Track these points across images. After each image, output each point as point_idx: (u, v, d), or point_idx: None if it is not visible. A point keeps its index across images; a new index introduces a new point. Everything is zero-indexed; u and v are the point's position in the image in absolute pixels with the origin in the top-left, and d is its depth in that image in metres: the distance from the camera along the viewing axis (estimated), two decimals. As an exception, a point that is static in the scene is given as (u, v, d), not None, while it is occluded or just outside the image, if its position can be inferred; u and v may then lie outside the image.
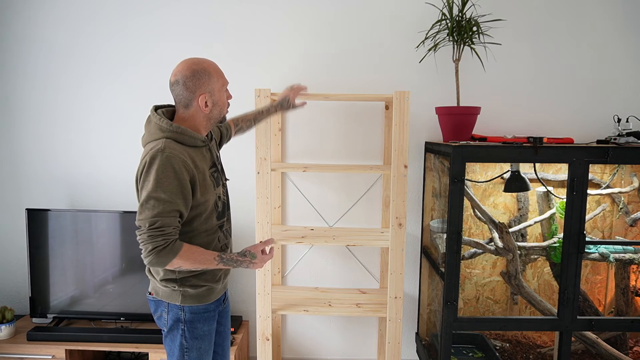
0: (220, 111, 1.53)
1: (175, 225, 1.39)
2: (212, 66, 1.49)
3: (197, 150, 1.48)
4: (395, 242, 2.18)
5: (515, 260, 2.27)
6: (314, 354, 2.72)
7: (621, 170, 2.50)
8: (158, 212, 1.34)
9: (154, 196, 1.35)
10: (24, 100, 2.57)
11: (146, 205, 1.36)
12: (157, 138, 1.43)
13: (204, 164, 1.49)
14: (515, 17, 2.43)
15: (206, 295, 1.55)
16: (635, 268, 2.40)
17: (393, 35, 2.47)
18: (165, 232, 1.36)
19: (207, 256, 1.46)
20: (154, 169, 1.36)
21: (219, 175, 1.57)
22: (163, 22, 2.49)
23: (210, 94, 1.48)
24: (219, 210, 1.55)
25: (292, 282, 2.68)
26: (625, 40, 2.44)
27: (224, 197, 1.60)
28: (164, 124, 1.43)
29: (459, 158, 1.94)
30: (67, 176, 2.62)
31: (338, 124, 2.54)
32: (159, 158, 1.36)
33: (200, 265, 1.45)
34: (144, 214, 1.36)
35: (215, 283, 1.57)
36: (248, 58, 2.51)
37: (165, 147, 1.38)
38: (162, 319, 1.56)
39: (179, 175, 1.37)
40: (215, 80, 1.48)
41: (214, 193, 1.51)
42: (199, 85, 1.45)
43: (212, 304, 1.59)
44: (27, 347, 2.33)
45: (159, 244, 1.35)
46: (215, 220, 1.54)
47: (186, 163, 1.39)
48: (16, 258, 2.68)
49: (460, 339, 2.54)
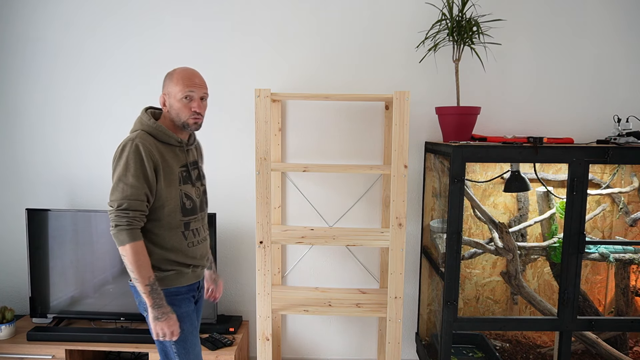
0: (177, 115, 1.62)
1: (142, 210, 1.53)
2: (182, 73, 1.61)
3: (168, 147, 1.62)
4: (395, 242, 2.18)
5: (515, 260, 2.27)
6: (314, 354, 2.72)
7: (621, 170, 2.50)
8: (126, 195, 1.50)
9: (123, 180, 1.51)
10: (24, 100, 2.57)
11: (116, 187, 1.51)
12: (135, 129, 1.61)
13: (173, 161, 1.62)
14: (515, 17, 2.43)
15: (175, 278, 1.64)
16: (635, 268, 2.40)
17: (393, 35, 2.47)
18: (129, 215, 1.50)
19: (146, 270, 1.53)
20: (125, 155, 1.52)
21: (188, 176, 1.67)
22: (163, 24, 2.49)
23: (168, 95, 1.62)
24: (186, 207, 1.64)
25: (292, 282, 2.68)
26: (626, 41, 2.44)
27: (196, 198, 1.69)
28: (145, 119, 1.61)
29: (459, 158, 1.94)
30: (67, 176, 2.62)
31: (338, 124, 2.54)
32: (129, 146, 1.53)
33: (135, 270, 1.51)
34: (114, 195, 1.51)
35: (183, 267, 1.66)
36: (248, 58, 2.51)
37: (137, 137, 1.55)
38: (142, 303, 1.62)
39: (144, 162, 1.52)
40: (173, 84, 1.60)
41: (178, 188, 1.62)
42: (164, 85, 1.65)
43: (184, 287, 1.67)
44: (27, 347, 2.33)
45: (122, 223, 1.50)
46: (180, 215, 1.63)
47: (152, 152, 1.55)
48: (16, 258, 2.68)
49: (460, 339, 2.54)
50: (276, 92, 2.42)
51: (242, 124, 2.56)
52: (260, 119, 2.14)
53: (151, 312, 1.55)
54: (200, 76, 1.65)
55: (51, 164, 2.61)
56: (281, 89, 2.52)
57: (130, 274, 1.53)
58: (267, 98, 2.12)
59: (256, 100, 2.13)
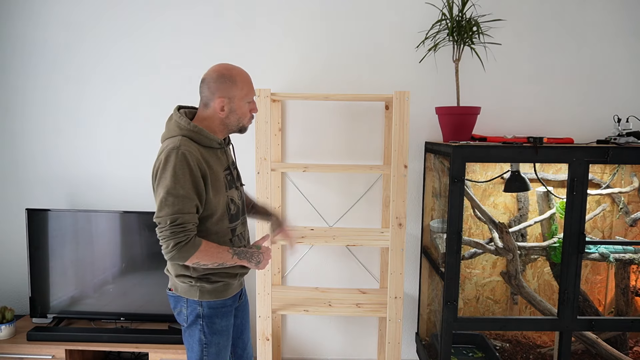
0: (239, 120, 1.55)
1: (195, 222, 1.44)
2: (241, 75, 1.53)
3: (211, 151, 1.52)
4: (395, 242, 2.18)
5: (515, 260, 2.27)
6: (314, 354, 2.72)
7: (621, 170, 2.50)
8: (179, 209, 1.39)
9: (173, 193, 1.39)
10: (24, 100, 2.57)
11: (165, 202, 1.39)
12: (173, 135, 1.48)
13: (217, 165, 1.52)
14: (515, 17, 2.43)
15: (223, 290, 1.58)
16: (635, 268, 2.40)
17: (393, 35, 2.47)
18: (186, 229, 1.40)
19: (222, 251, 1.49)
20: (170, 166, 1.40)
21: (232, 179, 1.59)
22: (163, 23, 2.49)
23: (230, 99, 1.51)
24: (231, 213, 1.56)
25: (292, 282, 2.68)
26: (625, 40, 2.44)
27: (239, 201, 1.61)
28: (183, 122, 1.48)
29: (459, 158, 1.94)
30: (67, 176, 2.62)
31: (338, 124, 2.54)
32: (174, 155, 1.40)
33: (217, 260, 1.48)
34: (164, 210, 1.39)
35: (231, 279, 1.59)
36: (249, 58, 2.50)
37: (181, 145, 1.42)
38: (182, 314, 1.58)
39: (194, 172, 1.41)
40: (238, 88, 1.51)
41: (225, 195, 1.53)
42: (220, 88, 1.50)
43: (229, 299, 1.61)
44: (27, 347, 2.33)
45: (181, 239, 1.39)
46: (227, 222, 1.55)
47: (199, 161, 1.44)
48: (16, 258, 2.68)
49: (460, 339, 2.54)
50: (276, 92, 2.42)
51: (242, 124, 2.56)
52: (260, 119, 2.14)
53: (251, 267, 1.57)
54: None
55: (51, 164, 2.61)
56: (281, 89, 2.51)
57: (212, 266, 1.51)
58: (267, 98, 2.12)
59: (256, 100, 2.13)
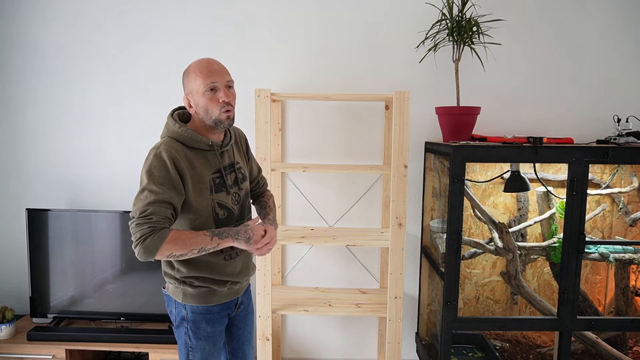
0: (207, 113, 1.44)
1: (165, 216, 1.35)
2: (196, 65, 1.45)
3: (199, 153, 1.48)
4: (395, 242, 2.18)
5: (515, 260, 2.27)
6: (314, 354, 2.72)
7: (621, 170, 2.50)
8: (149, 202, 1.34)
9: (147, 188, 1.36)
10: (25, 100, 2.57)
11: (139, 197, 1.37)
12: (162, 136, 1.49)
13: (204, 168, 1.47)
14: (516, 17, 2.43)
15: (207, 296, 1.52)
16: (635, 268, 2.40)
17: (393, 35, 2.47)
18: (152, 220, 1.32)
19: (196, 236, 1.39)
20: (147, 165, 1.40)
21: (222, 182, 1.51)
22: (163, 24, 2.49)
23: (191, 94, 1.46)
24: (219, 218, 1.49)
25: (292, 282, 2.68)
26: (625, 41, 2.44)
27: (234, 205, 1.54)
28: (171, 124, 1.47)
29: (459, 158, 1.94)
30: (67, 176, 2.62)
31: (338, 124, 2.54)
32: (153, 154, 1.41)
33: (193, 246, 1.37)
34: (135, 206, 1.36)
35: (217, 285, 1.52)
36: (249, 58, 2.50)
37: (162, 145, 1.42)
38: (172, 314, 1.57)
39: (169, 169, 1.38)
40: (192, 80, 1.44)
41: (208, 198, 1.46)
42: (184, 85, 1.49)
43: (216, 306, 1.55)
44: (27, 347, 2.33)
45: (145, 232, 1.31)
46: (213, 227, 1.48)
47: (177, 159, 1.40)
48: (16, 258, 2.68)
49: (460, 339, 2.54)
50: (276, 92, 2.42)
51: (242, 124, 2.55)
52: (260, 119, 2.14)
53: (241, 246, 1.45)
54: (219, 63, 1.46)
55: (51, 164, 2.61)
56: (281, 89, 2.51)
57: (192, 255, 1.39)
58: (267, 98, 2.12)
59: (256, 100, 2.13)
